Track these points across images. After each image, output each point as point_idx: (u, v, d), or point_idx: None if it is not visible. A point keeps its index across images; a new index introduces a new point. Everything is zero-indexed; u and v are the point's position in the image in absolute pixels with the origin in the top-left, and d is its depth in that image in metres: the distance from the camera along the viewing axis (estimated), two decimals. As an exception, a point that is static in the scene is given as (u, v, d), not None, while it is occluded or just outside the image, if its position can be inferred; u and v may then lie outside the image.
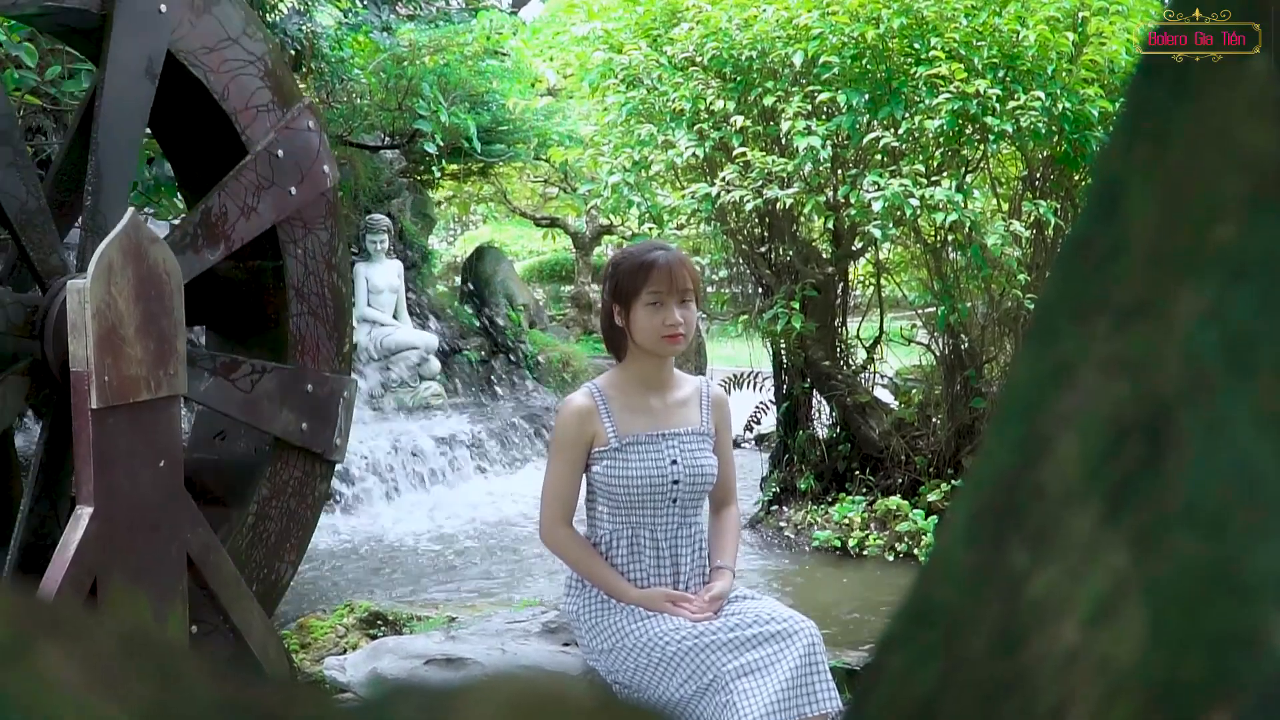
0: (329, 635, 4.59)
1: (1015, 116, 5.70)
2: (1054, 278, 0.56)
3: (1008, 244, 5.88)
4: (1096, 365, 0.50)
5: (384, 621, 4.66)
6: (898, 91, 5.98)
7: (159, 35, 3.48)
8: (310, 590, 5.86)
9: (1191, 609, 0.44)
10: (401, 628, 4.57)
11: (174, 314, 3.22)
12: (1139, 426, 0.48)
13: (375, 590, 6.00)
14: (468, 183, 13.84)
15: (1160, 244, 0.50)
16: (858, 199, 5.88)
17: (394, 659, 3.25)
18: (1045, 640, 0.48)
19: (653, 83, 6.53)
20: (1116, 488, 0.48)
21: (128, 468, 3.11)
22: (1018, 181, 6.82)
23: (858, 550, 6.46)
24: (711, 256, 7.83)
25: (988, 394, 6.54)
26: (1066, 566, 0.49)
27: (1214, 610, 0.44)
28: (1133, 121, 0.53)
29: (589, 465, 2.92)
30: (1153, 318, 0.49)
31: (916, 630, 0.54)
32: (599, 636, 2.87)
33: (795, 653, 2.65)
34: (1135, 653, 0.45)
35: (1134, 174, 0.52)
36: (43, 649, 0.38)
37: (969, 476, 0.56)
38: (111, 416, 3.05)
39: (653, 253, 2.86)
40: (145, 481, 3.17)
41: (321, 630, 4.62)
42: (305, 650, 4.51)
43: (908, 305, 7.59)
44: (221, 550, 3.51)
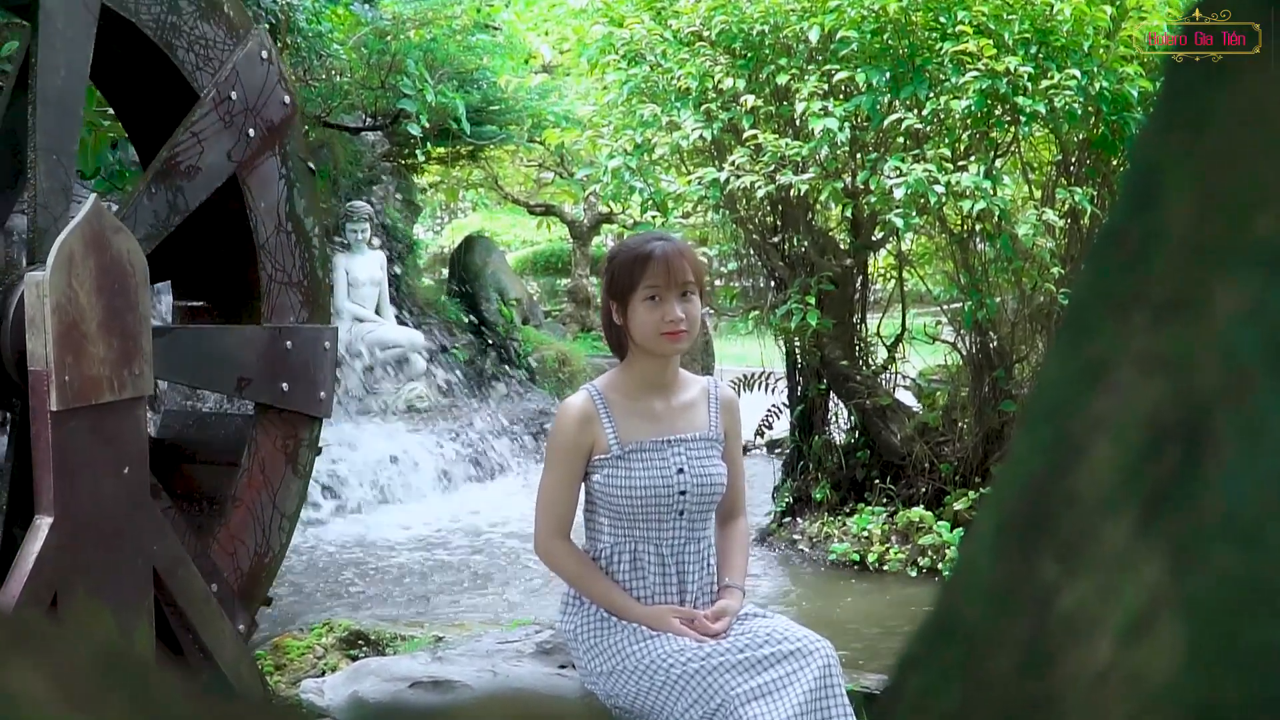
0: (306, 656, 4.60)
1: (1048, 96, 5.70)
2: (1087, 270, 0.57)
3: (1040, 234, 5.88)
4: (1132, 364, 0.51)
5: (365, 641, 4.67)
6: (921, 69, 5.98)
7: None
8: (286, 607, 5.87)
9: (1231, 625, 0.45)
10: (384, 648, 4.58)
11: (139, 309, 3.22)
12: (1176, 429, 0.48)
13: (356, 607, 6.01)
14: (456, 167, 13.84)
15: (1199, 235, 0.51)
16: (878, 185, 5.88)
17: (376, 681, 3.26)
18: (1076, 659, 0.48)
19: (656, 59, 6.54)
20: (1152, 495, 0.48)
21: (90, 474, 3.12)
22: (1051, 167, 6.83)
23: (877, 565, 6.46)
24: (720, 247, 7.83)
25: (1018, 396, 6.54)
26: (1099, 580, 0.49)
27: (1254, 627, 0.44)
28: (1169, 105, 0.54)
29: (588, 474, 2.93)
30: (1191, 313, 0.50)
31: (939, 649, 0.55)
32: (598, 657, 2.88)
33: (810, 675, 2.65)
34: (1171, 672, 0.46)
35: (1171, 161, 0.53)
36: (12, 664, 0.39)
37: (996, 484, 0.57)
38: (72, 419, 3.06)
39: (650, 244, 2.86)
40: (109, 489, 3.17)
41: (298, 650, 4.62)
42: (280, 672, 4.51)
43: (932, 300, 7.59)
44: (190, 564, 3.52)
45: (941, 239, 6.89)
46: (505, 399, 10.92)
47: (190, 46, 3.72)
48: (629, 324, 2.86)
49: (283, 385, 3.96)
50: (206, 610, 3.56)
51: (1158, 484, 0.48)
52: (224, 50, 3.82)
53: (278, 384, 3.95)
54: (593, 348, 12.77)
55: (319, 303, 4.13)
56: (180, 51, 3.70)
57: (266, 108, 3.92)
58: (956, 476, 6.70)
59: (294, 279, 4.06)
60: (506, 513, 8.20)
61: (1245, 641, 0.44)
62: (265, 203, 3.95)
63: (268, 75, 3.95)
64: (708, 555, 2.96)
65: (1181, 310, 0.50)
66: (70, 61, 3.33)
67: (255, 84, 3.89)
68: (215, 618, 3.60)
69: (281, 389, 3.96)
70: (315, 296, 4.11)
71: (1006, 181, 6.28)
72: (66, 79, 3.32)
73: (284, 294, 4.02)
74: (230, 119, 3.80)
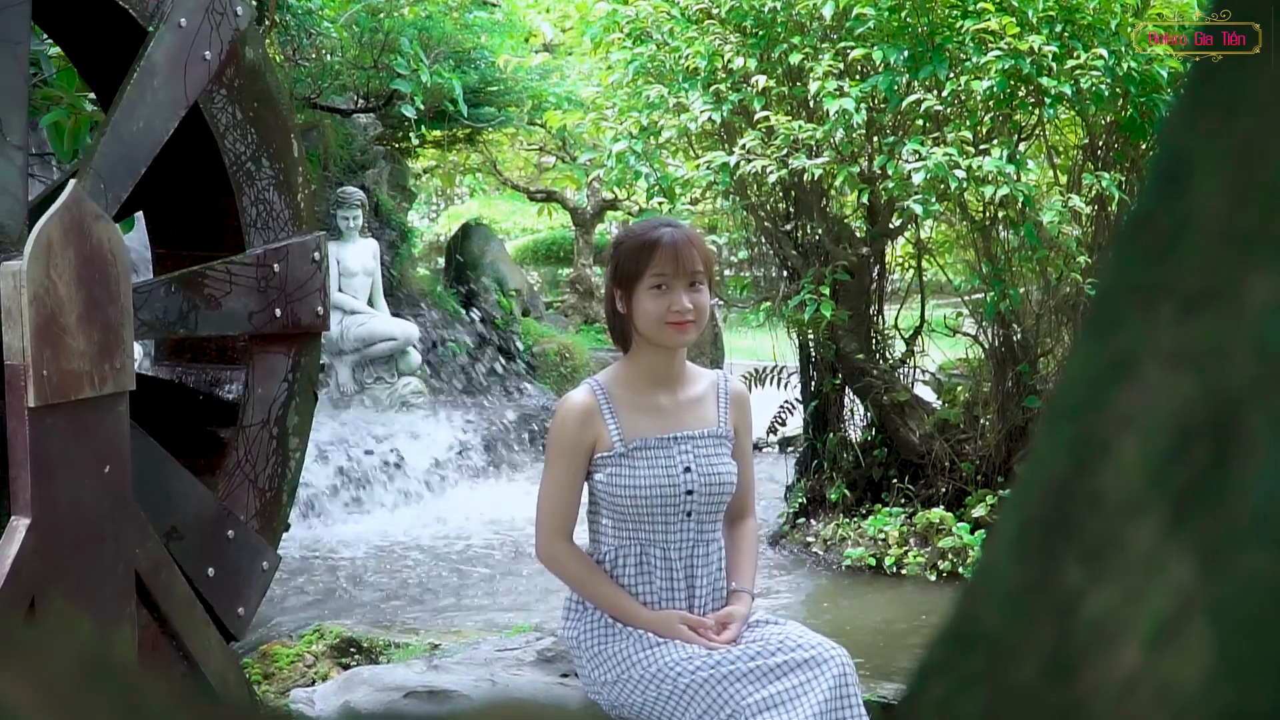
0: (295, 664, 4.62)
1: (1074, 77, 5.69)
2: (1113, 260, 0.57)
3: (1066, 221, 5.88)
4: (1159, 358, 0.51)
5: (358, 649, 4.68)
6: (941, 48, 5.97)
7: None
8: (274, 613, 5.88)
9: (1261, 631, 0.45)
10: (377, 656, 4.59)
11: (121, 300, 3.23)
12: (1205, 427, 0.49)
13: (348, 613, 6.02)
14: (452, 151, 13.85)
15: (1229, 223, 0.51)
16: (896, 170, 5.88)
17: (369, 691, 3.27)
18: (1101, 667, 0.49)
19: (663, 37, 6.53)
20: (1180, 496, 0.49)
21: (69, 473, 3.12)
22: (1077, 151, 6.82)
23: (895, 569, 6.47)
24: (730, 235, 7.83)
25: (1043, 392, 6.54)
26: (1125, 584, 0.49)
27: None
28: (1199, 87, 0.54)
29: (590, 473, 2.93)
30: (1221, 305, 0.50)
31: (959, 656, 0.55)
32: (602, 666, 2.88)
33: (824, 684, 2.66)
34: (1200, 679, 0.46)
35: (1200, 145, 0.53)
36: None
37: (1018, 484, 0.57)
38: (51, 416, 3.06)
39: (657, 230, 2.87)
40: (89, 489, 3.18)
41: (287, 658, 4.64)
42: (269, 681, 4.53)
43: (952, 291, 7.59)
44: (174, 567, 3.52)
45: (962, 226, 6.89)
46: (504, 395, 10.93)
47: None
48: (633, 313, 2.86)
49: (275, 312, 3.95)
50: (191, 616, 3.57)
51: (1186, 484, 0.49)
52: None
53: (272, 309, 3.94)
54: (596, 341, 12.77)
55: (300, 215, 4.15)
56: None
57: (221, 26, 3.84)
58: (978, 476, 6.70)
59: (272, 194, 4.06)
60: (505, 514, 8.20)
61: (1275, 647, 0.45)
62: (233, 122, 3.93)
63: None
64: (717, 558, 2.96)
65: (1211, 302, 0.50)
66: None
67: (200, 4, 3.79)
68: (201, 624, 3.60)
69: (275, 314, 3.95)
70: (296, 211, 4.12)
71: (1030, 166, 6.28)
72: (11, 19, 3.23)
73: (267, 215, 4.05)
74: (185, 49, 3.70)
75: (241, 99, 3.94)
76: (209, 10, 3.80)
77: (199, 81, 3.75)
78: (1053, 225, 5.85)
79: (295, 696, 3.53)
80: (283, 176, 4.08)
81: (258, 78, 4.00)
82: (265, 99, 4.02)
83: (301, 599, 6.42)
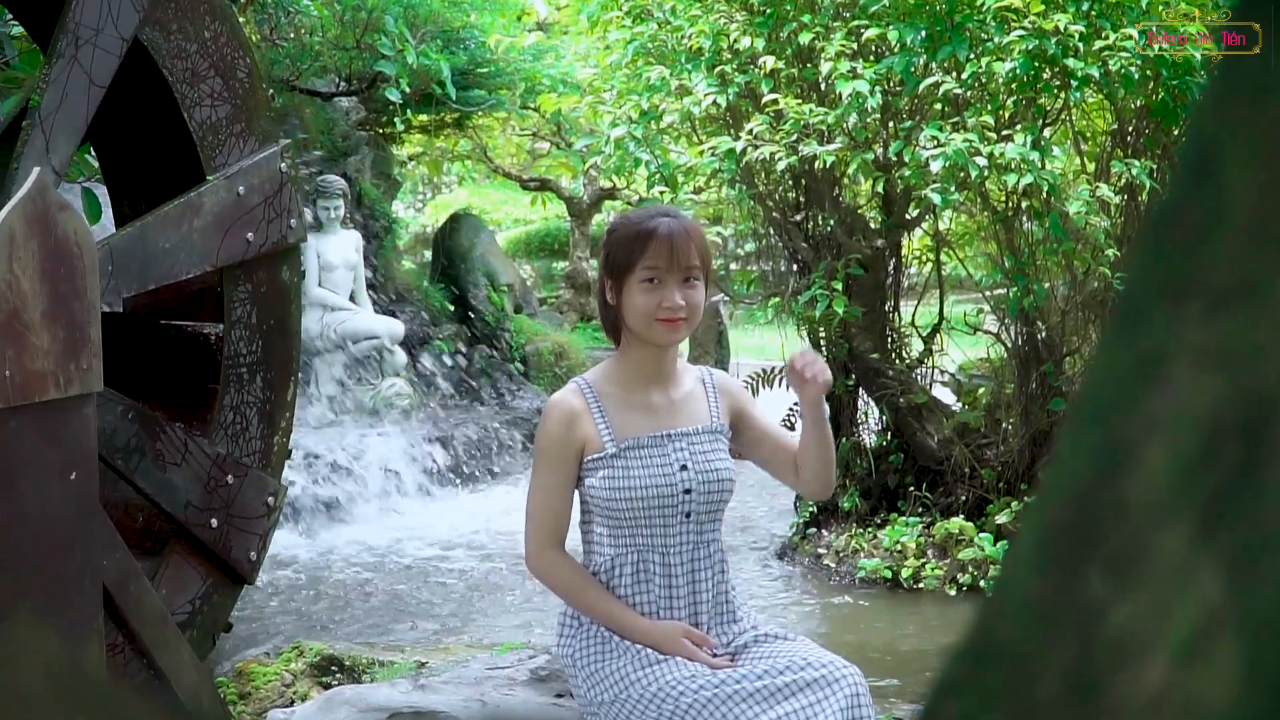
0: (273, 683, 4.62)
1: (1102, 58, 5.69)
2: (1140, 254, 0.57)
3: (1093, 212, 5.88)
4: (1188, 358, 0.52)
5: (339, 667, 4.68)
6: (961, 27, 5.97)
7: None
8: (251, 629, 5.88)
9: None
10: (360, 674, 4.59)
11: (87, 296, 3.23)
12: (1236, 430, 0.49)
13: (329, 629, 6.02)
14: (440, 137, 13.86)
15: (1262, 215, 0.51)
16: (913, 157, 5.89)
17: (351, 712, 3.27)
18: (1126, 682, 0.49)
19: (665, 16, 6.54)
20: (1209, 503, 0.49)
21: (34, 480, 3.12)
22: (1105, 137, 6.82)
23: (912, 582, 6.47)
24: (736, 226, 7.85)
25: (1069, 394, 6.54)
26: (1151, 596, 0.50)
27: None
28: (1229, 72, 0.55)
29: (581, 479, 2.93)
30: (1253, 301, 0.50)
31: (978, 672, 0.56)
32: (599, 685, 2.89)
33: (836, 705, 2.66)
34: (1229, 695, 0.46)
35: (1230, 134, 0.53)
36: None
37: (1040, 491, 0.57)
38: (14, 419, 3.06)
39: (654, 220, 2.87)
40: (55, 496, 3.18)
41: (265, 677, 4.64)
42: (245, 701, 4.53)
43: (973, 286, 7.59)
44: (144, 579, 3.53)
45: (983, 217, 6.89)
46: (495, 397, 10.94)
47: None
48: (622, 306, 2.86)
49: (248, 236, 3.95)
50: (163, 632, 3.57)
51: (1215, 490, 0.49)
52: None
53: (244, 234, 3.95)
54: (592, 339, 12.79)
55: (255, 126, 4.15)
56: None
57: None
58: (1000, 483, 6.71)
59: (224, 108, 4.10)
60: (495, 524, 8.21)
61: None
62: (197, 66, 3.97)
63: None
64: (720, 563, 2.97)
65: (1242, 298, 0.51)
66: None
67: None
68: (173, 639, 3.61)
69: (248, 239, 3.95)
70: (250, 119, 4.13)
71: (1056, 153, 6.28)
72: None
73: (228, 134, 4.08)
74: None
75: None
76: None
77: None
78: (1079, 216, 5.85)
79: (273, 717, 3.54)
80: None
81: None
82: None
83: (281, 614, 6.42)
